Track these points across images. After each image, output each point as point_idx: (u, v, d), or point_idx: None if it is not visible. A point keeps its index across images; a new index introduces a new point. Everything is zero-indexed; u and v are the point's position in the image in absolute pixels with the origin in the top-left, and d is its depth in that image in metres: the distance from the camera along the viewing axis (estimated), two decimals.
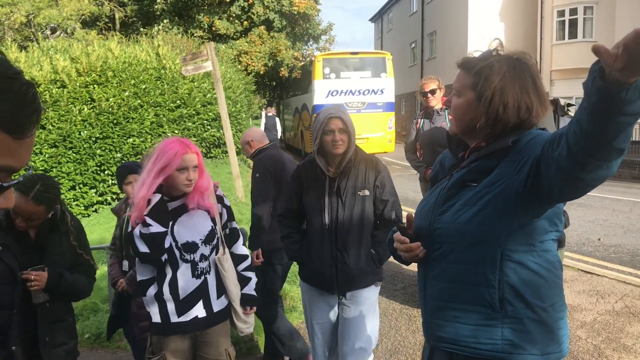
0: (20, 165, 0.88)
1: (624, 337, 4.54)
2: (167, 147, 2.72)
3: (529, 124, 1.75)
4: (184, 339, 2.88)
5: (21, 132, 0.85)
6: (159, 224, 2.71)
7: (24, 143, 0.87)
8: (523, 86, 1.73)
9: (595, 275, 6.15)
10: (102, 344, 4.93)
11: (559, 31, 23.96)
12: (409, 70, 35.40)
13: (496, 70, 1.73)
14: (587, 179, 1.42)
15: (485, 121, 1.75)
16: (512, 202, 1.64)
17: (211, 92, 15.05)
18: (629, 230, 8.47)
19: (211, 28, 25.58)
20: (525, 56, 1.80)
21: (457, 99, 1.84)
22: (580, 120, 1.33)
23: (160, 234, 2.71)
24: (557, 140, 1.44)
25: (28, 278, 2.53)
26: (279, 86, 30.33)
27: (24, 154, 0.89)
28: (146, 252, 2.71)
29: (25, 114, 0.85)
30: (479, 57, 1.83)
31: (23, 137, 0.86)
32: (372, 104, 17.73)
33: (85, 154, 12.03)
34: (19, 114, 0.84)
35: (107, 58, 13.16)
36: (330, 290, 3.18)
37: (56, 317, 2.71)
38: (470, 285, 1.73)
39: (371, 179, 3.12)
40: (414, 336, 4.76)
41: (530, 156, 1.58)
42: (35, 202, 2.52)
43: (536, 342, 1.71)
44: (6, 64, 0.84)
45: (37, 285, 2.56)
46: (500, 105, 1.71)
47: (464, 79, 1.82)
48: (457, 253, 1.76)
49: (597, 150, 1.33)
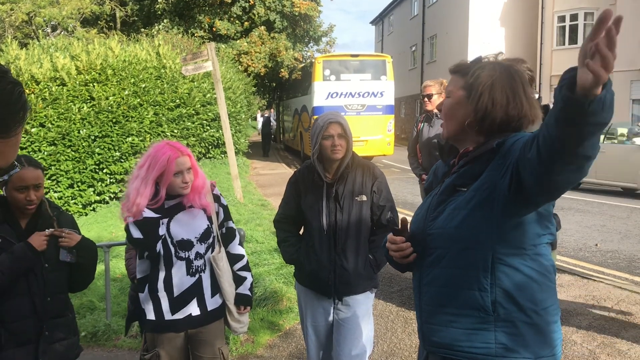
0: (5, 163, 0.88)
1: (619, 343, 4.54)
2: (158, 153, 2.72)
3: (516, 124, 1.77)
4: (178, 337, 2.88)
5: (6, 132, 0.85)
6: (153, 212, 2.74)
7: (10, 142, 0.87)
8: (512, 86, 1.75)
9: (591, 280, 6.16)
10: (98, 343, 4.92)
11: (559, 37, 24.02)
12: (409, 73, 35.45)
13: (487, 69, 1.77)
14: (558, 181, 1.44)
15: (474, 117, 1.77)
16: (500, 205, 1.65)
17: (211, 92, 15.08)
18: (626, 237, 8.48)
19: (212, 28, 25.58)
20: (518, 64, 1.83)
21: (448, 99, 1.87)
22: (548, 124, 1.36)
23: (153, 219, 2.73)
24: (530, 142, 1.47)
25: (60, 234, 2.63)
26: (278, 87, 30.34)
27: (10, 153, 0.88)
28: (140, 237, 2.73)
29: (11, 113, 0.84)
30: (471, 62, 1.86)
31: (8, 135, 0.86)
32: (371, 107, 17.73)
33: (84, 153, 12.04)
34: (5, 112, 0.83)
35: (107, 56, 13.18)
36: (326, 294, 3.18)
37: (56, 312, 2.72)
38: (464, 289, 1.74)
39: (368, 184, 3.13)
40: (410, 339, 4.76)
41: (513, 158, 1.60)
42: (34, 167, 2.59)
43: (529, 345, 1.71)
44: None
45: (67, 241, 2.65)
46: (489, 101, 1.74)
47: (456, 81, 1.86)
48: (449, 258, 1.77)
49: (563, 155, 1.36)
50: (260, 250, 7.14)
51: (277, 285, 5.81)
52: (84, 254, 2.75)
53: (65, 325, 2.79)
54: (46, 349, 2.64)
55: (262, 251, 7.15)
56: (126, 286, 5.95)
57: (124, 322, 5.01)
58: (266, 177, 16.56)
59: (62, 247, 2.67)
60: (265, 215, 9.87)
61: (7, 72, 0.85)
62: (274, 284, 5.86)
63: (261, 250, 7.16)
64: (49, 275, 2.67)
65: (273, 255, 7.00)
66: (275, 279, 6.03)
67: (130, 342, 4.91)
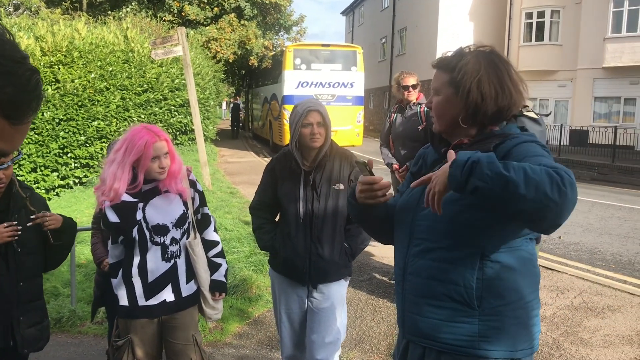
0: (11, 149, 0.86)
1: (581, 331, 4.68)
2: (135, 137, 2.67)
3: (507, 113, 1.80)
4: (151, 323, 2.85)
5: (19, 118, 0.83)
6: (130, 196, 2.70)
7: (20, 129, 0.85)
8: (498, 76, 1.78)
9: (555, 271, 6.32)
10: (62, 329, 4.83)
11: (526, 33, 24.42)
12: (378, 65, 35.56)
13: (472, 63, 1.77)
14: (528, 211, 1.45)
15: (465, 113, 1.78)
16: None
17: (179, 78, 14.86)
18: (587, 230, 8.72)
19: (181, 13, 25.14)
20: (496, 49, 1.86)
21: (437, 97, 1.86)
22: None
23: (131, 203, 2.70)
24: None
25: (43, 219, 2.61)
26: (248, 75, 30.06)
27: (18, 139, 0.87)
28: (117, 221, 2.69)
29: (26, 100, 0.83)
30: (453, 55, 1.86)
31: (21, 122, 0.84)
32: (341, 97, 17.73)
33: (48, 136, 11.73)
34: (21, 99, 0.81)
35: (74, 38, 12.82)
36: (301, 281, 3.18)
37: (31, 296, 2.66)
38: (449, 283, 1.74)
39: (346, 173, 3.14)
40: (378, 326, 4.80)
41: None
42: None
43: (510, 338, 1.73)
44: (14, 47, 0.81)
45: (53, 224, 2.64)
46: (478, 96, 1.75)
47: (441, 77, 1.85)
48: (437, 252, 1.76)
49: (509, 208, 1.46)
50: (229, 238, 7.09)
51: (246, 273, 5.79)
52: (69, 233, 2.71)
53: (40, 309, 2.73)
54: (23, 333, 2.58)
55: (232, 239, 7.12)
56: (91, 272, 5.84)
57: (88, 309, 4.93)
58: (235, 165, 16.44)
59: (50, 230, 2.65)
60: (234, 203, 9.80)
61: (26, 58, 0.83)
62: (244, 271, 5.84)
63: (230, 238, 7.12)
64: (23, 259, 2.60)
65: (242, 243, 6.97)
66: (244, 266, 6.01)
67: (96, 328, 4.84)
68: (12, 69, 0.79)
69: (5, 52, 0.79)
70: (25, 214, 2.67)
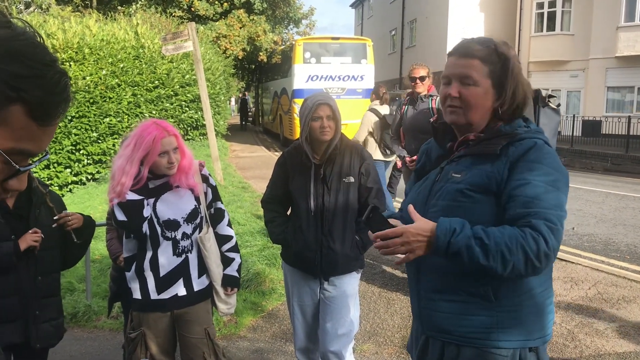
0: (39, 150, 0.87)
1: (596, 322, 4.65)
2: (144, 132, 2.68)
3: (522, 110, 1.83)
4: (164, 317, 2.87)
5: (47, 120, 0.84)
6: (137, 194, 2.71)
7: (48, 130, 0.86)
8: (521, 73, 1.83)
9: (569, 262, 6.28)
10: (78, 324, 4.88)
11: (537, 23, 24.17)
12: (388, 57, 35.39)
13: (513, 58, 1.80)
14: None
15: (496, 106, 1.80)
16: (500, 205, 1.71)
17: (190, 73, 14.88)
18: (601, 220, 8.65)
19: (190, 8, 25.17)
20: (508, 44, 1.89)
21: (474, 88, 1.78)
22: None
23: (137, 201, 2.71)
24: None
25: (66, 219, 2.68)
26: (257, 69, 30.06)
27: (46, 141, 0.88)
28: (124, 220, 2.71)
29: (55, 103, 0.83)
30: (480, 44, 1.81)
31: (49, 124, 0.85)
32: (351, 90, 17.64)
33: (60, 133, 11.82)
34: (49, 102, 0.82)
35: (84, 35, 12.88)
36: (313, 274, 3.19)
37: (48, 291, 2.69)
38: (464, 277, 1.74)
39: (356, 166, 3.13)
40: (392, 319, 4.81)
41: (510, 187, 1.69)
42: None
43: (525, 327, 1.74)
44: (44, 50, 0.82)
45: (75, 223, 2.70)
46: (511, 90, 1.78)
47: (478, 68, 1.78)
48: None
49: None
50: (242, 232, 7.12)
51: (260, 267, 5.81)
52: (89, 231, 2.75)
53: (56, 305, 2.76)
54: (37, 328, 2.62)
55: (244, 233, 7.14)
56: (106, 267, 5.90)
57: (104, 303, 4.98)
58: (246, 160, 16.47)
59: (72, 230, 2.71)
60: (246, 198, 9.83)
61: (55, 61, 0.83)
62: (257, 265, 5.86)
63: (243, 232, 7.14)
64: (41, 253, 2.63)
65: (255, 237, 6.99)
66: (257, 260, 6.02)
67: (112, 323, 4.88)
68: (41, 72, 0.80)
69: (37, 56, 0.80)
70: (45, 210, 2.71)
